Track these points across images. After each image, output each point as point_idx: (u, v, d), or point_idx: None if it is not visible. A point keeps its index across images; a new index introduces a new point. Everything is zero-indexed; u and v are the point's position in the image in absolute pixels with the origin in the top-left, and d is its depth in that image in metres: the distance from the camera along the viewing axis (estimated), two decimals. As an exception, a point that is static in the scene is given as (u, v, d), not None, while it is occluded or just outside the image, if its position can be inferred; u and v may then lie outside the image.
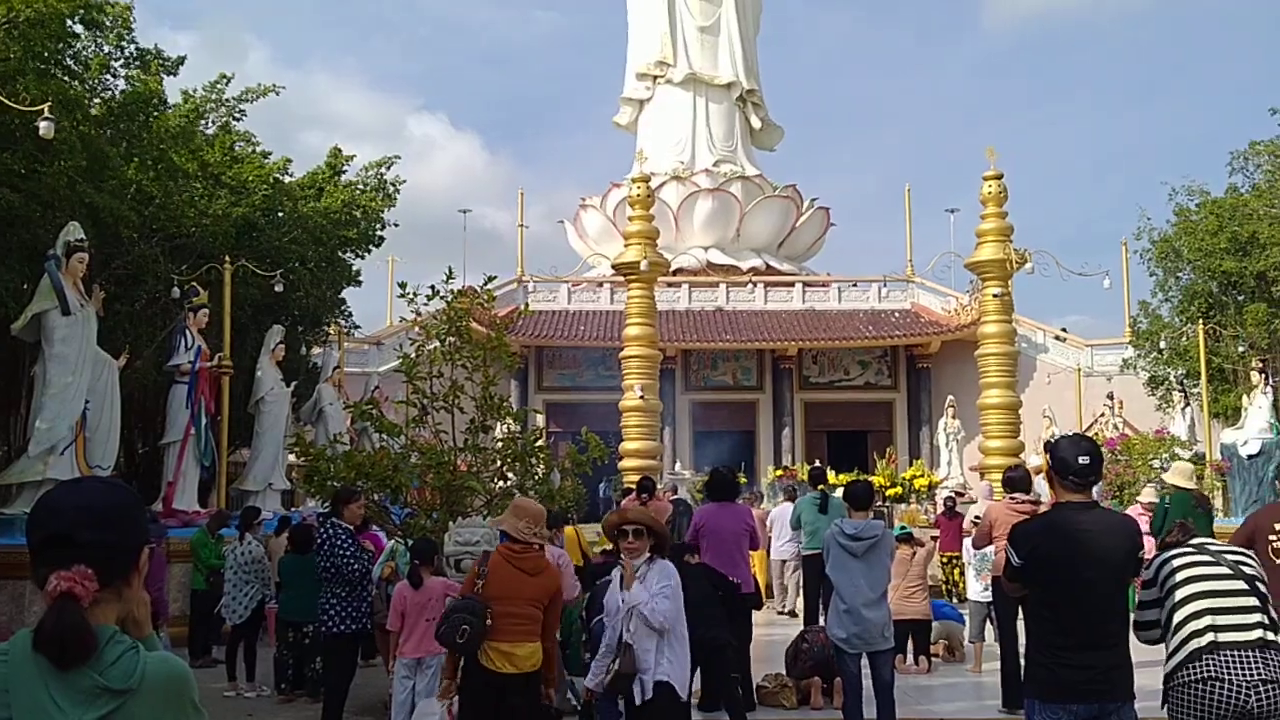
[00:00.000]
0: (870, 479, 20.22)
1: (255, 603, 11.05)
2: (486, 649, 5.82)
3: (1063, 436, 4.94)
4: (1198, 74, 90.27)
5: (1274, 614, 4.29)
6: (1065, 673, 4.34)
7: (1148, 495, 13.47)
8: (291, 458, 16.31)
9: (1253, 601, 4.31)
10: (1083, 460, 4.51)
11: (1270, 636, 4.20)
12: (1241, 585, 4.36)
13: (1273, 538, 6.85)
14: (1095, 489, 5.01)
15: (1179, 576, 4.43)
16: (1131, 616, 4.55)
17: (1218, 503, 20.65)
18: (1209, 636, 4.22)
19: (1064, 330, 36.95)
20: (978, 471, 21.38)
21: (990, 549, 9.25)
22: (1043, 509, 7.08)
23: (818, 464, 20.70)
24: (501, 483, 10.22)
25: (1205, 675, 4.18)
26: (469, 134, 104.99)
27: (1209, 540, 4.78)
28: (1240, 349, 23.60)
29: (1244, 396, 21.35)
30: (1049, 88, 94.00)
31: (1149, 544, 10.90)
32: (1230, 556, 4.52)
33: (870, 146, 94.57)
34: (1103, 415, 27.25)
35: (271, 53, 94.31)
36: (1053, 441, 4.92)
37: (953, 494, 18.81)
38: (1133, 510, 12.93)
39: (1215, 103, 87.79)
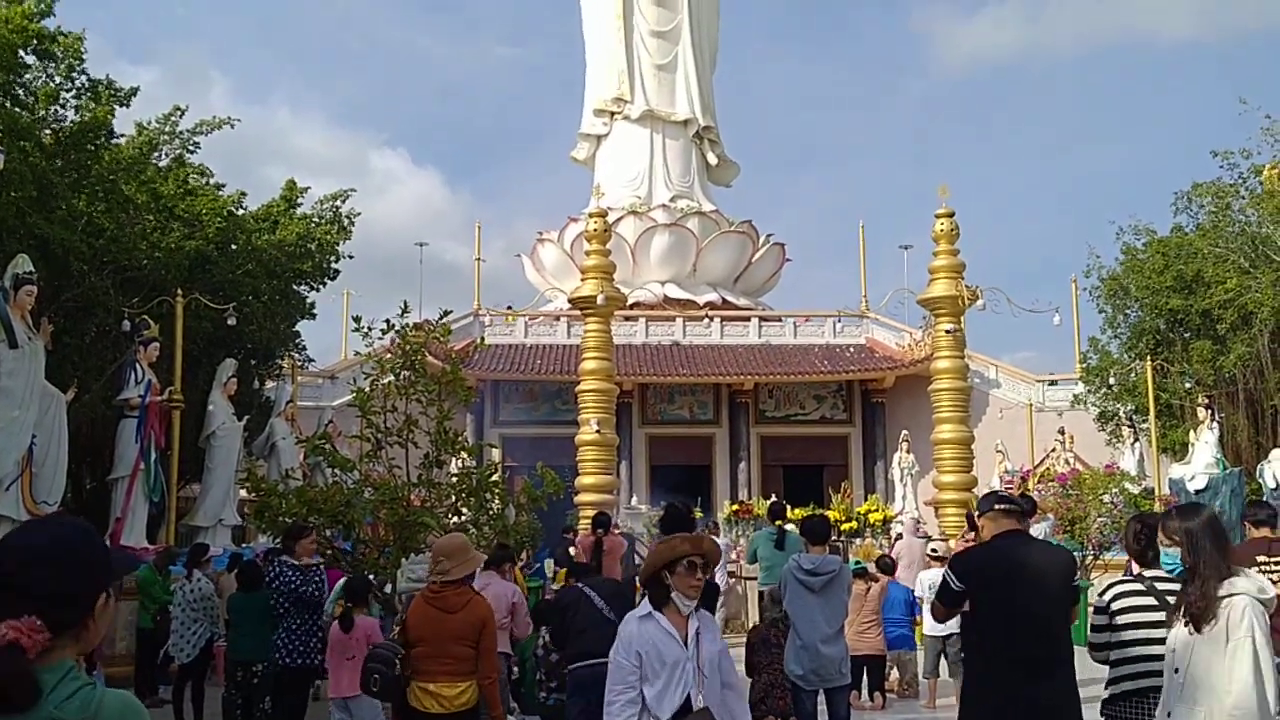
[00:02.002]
0: (826, 514, 20.31)
1: (203, 641, 10.86)
2: (415, 690, 5.73)
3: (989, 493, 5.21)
4: (1142, 117, 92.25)
5: None
6: (1007, 709, 4.39)
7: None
8: (243, 493, 16.11)
9: None
10: (1000, 496, 4.74)
11: None
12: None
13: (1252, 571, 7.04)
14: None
15: (1120, 605, 4.72)
16: (1076, 655, 4.67)
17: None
18: (1144, 665, 4.56)
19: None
20: (932, 506, 21.51)
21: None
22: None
23: (775, 498, 20.72)
24: (456, 518, 10.15)
25: (1141, 689, 4.53)
26: (429, 169, 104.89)
27: (1157, 575, 4.98)
28: (1187, 385, 24.01)
29: (1191, 432, 21.70)
30: (998, 128, 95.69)
31: None
32: (1161, 586, 4.77)
33: (825, 184, 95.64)
34: (1054, 450, 27.52)
35: (234, 87, 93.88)
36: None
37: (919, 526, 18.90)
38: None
39: (1159, 144, 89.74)
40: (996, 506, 4.84)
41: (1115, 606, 4.73)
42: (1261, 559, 7.24)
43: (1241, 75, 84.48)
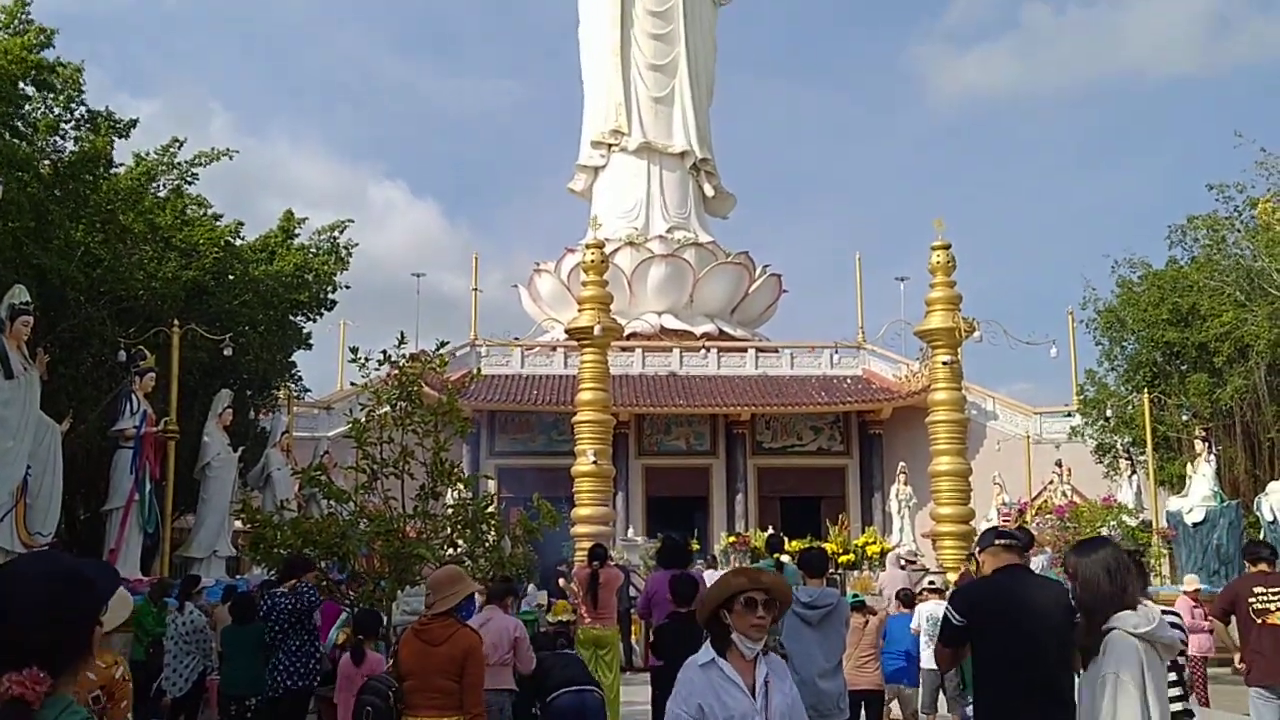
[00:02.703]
0: (824, 546, 20.24)
1: (196, 675, 10.77)
2: None
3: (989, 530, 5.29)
4: (1135, 150, 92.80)
5: (1186, 684, 5.03)
6: None
7: (1192, 583, 12.48)
8: (238, 524, 16.04)
9: (1173, 676, 4.97)
10: (1000, 530, 4.78)
11: (1187, 706, 4.97)
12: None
13: (1251, 599, 7.85)
14: (1043, 560, 5.23)
15: None
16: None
17: (1164, 569, 20.86)
18: None
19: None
20: (930, 538, 21.43)
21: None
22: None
23: (772, 530, 20.65)
24: (451, 550, 10.10)
25: None
26: (428, 201, 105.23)
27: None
28: (1184, 418, 23.99)
29: (1188, 465, 21.67)
30: (993, 161, 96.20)
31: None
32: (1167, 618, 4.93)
33: (822, 215, 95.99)
34: (1051, 482, 27.49)
35: (235, 119, 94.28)
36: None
37: (904, 560, 18.82)
38: (1180, 603, 12.14)
39: (1153, 178, 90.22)
40: (997, 542, 4.86)
41: None
42: (1258, 589, 7.93)
43: (1234, 110, 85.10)
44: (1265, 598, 7.82)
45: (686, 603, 8.02)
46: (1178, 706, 5.09)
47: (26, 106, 16.62)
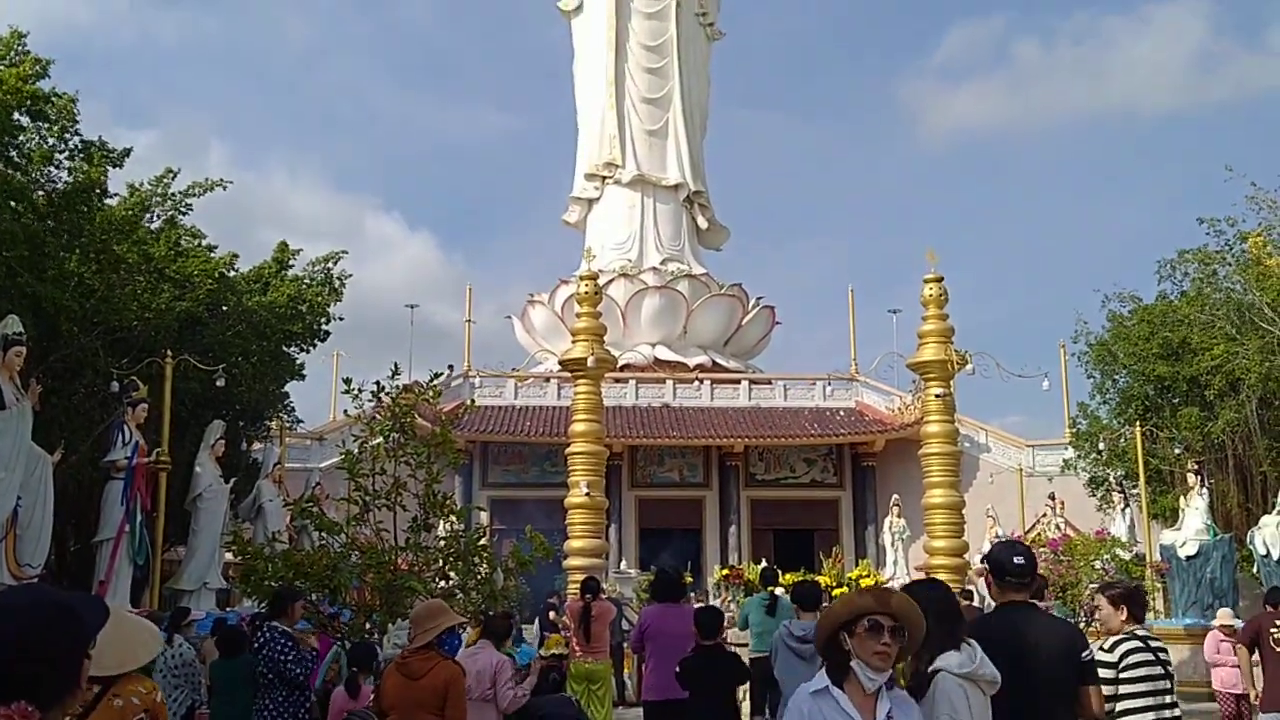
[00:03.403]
0: (817, 579, 20.14)
1: (185, 709, 10.67)
2: None
3: (997, 542, 5.33)
4: (1126, 185, 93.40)
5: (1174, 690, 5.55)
6: None
7: (1225, 617, 12.51)
8: (229, 556, 15.94)
9: (1165, 685, 5.42)
10: (1017, 560, 4.79)
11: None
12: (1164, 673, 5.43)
13: (1274, 631, 9.01)
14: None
15: (1128, 660, 5.37)
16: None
17: (1158, 604, 20.81)
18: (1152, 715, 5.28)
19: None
20: (923, 572, 21.36)
21: None
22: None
23: (765, 563, 20.59)
24: (443, 582, 10.05)
25: None
26: (423, 233, 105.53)
27: (1148, 634, 5.62)
28: (1176, 451, 24.00)
29: (1181, 498, 21.66)
30: (985, 195, 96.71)
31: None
32: (1154, 643, 5.52)
33: (814, 247, 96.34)
34: (1045, 515, 27.46)
35: (232, 151, 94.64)
36: (990, 548, 5.24)
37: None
38: (1210, 638, 12.29)
39: (1143, 211, 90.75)
40: (1006, 578, 4.82)
41: (1125, 662, 5.32)
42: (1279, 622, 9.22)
43: (1223, 146, 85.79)
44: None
45: (711, 635, 8.02)
46: (1170, 714, 5.39)
47: (21, 137, 16.67)
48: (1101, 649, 5.37)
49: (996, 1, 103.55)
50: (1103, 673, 5.07)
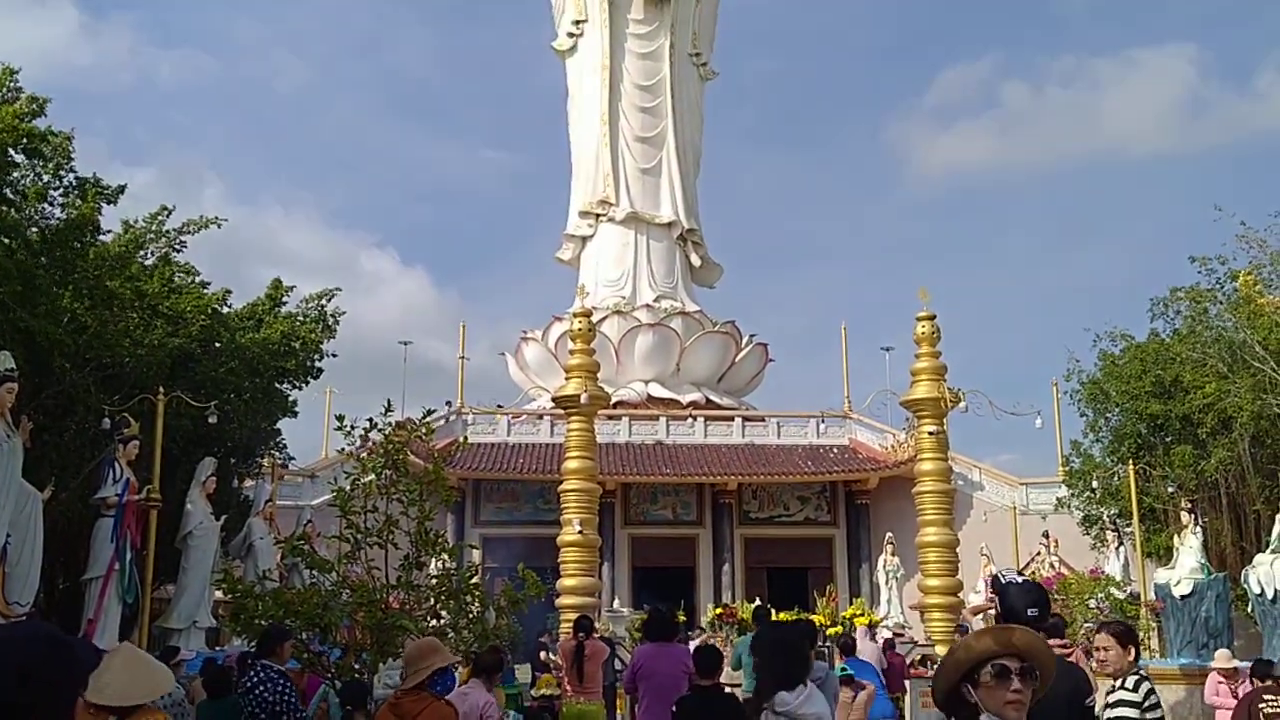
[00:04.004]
0: (812, 618, 20.05)
1: (173, 749, 10.54)
2: None
3: (1012, 584, 5.16)
4: (1116, 224, 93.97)
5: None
6: None
7: (1222, 659, 12.51)
8: (219, 594, 15.83)
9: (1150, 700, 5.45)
10: (1031, 611, 4.74)
11: None
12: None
13: (1263, 705, 9.61)
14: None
15: (1151, 699, 5.46)
16: None
17: (1153, 643, 20.72)
18: None
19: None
20: (918, 610, 21.28)
21: None
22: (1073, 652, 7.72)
23: (759, 602, 20.48)
24: (435, 621, 9.99)
25: None
26: (418, 269, 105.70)
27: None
28: (1169, 490, 24.00)
29: (1175, 537, 21.61)
30: (976, 234, 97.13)
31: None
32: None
33: (807, 285, 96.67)
34: (1039, 554, 27.40)
35: (228, 188, 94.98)
36: (1003, 585, 5.11)
37: (893, 633, 18.67)
38: (1210, 680, 12.52)
39: (1134, 251, 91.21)
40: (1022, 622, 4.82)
41: (1149, 701, 5.40)
42: (1268, 695, 9.75)
43: (1212, 187, 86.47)
44: (1275, 703, 9.77)
45: (710, 675, 7.89)
46: None
47: (15, 174, 16.71)
48: (1123, 687, 5.32)
49: (985, 45, 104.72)
50: (1127, 712, 5.03)
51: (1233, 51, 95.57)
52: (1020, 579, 5.28)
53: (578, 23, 43.92)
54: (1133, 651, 5.57)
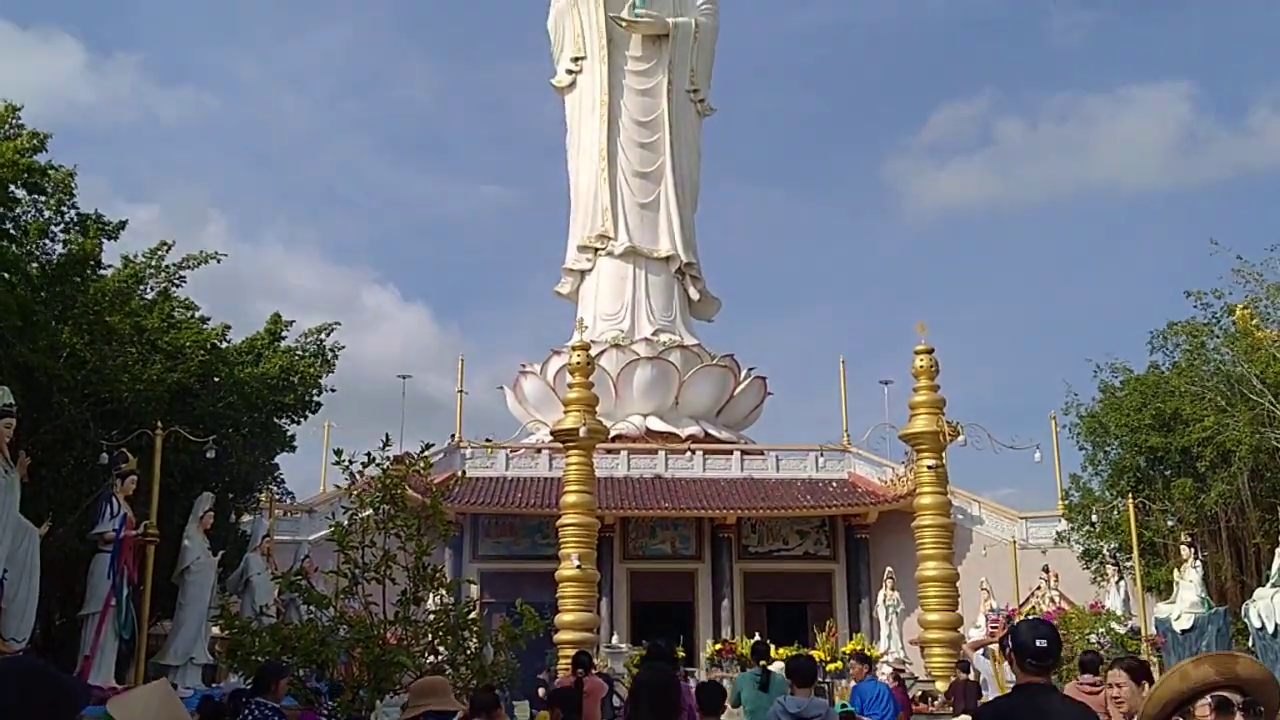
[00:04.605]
0: (812, 653, 19.96)
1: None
2: None
3: (1023, 621, 5.13)
4: (1113, 259, 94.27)
5: None
6: None
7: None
8: (216, 630, 15.75)
9: None
10: (1040, 643, 4.67)
11: None
12: None
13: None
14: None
15: None
16: None
17: (1155, 678, 20.60)
18: None
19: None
20: (918, 645, 21.18)
21: None
22: (1105, 690, 7.40)
23: (759, 638, 20.39)
24: (433, 657, 9.94)
25: None
26: (418, 305, 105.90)
27: None
28: (1169, 523, 23.95)
29: (1175, 571, 21.57)
30: (974, 268, 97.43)
31: None
32: None
33: (805, 318, 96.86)
34: (1039, 588, 27.28)
35: (231, 225, 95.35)
36: (1012, 625, 5.08)
37: (893, 668, 18.57)
38: None
39: (1131, 285, 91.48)
40: (1028, 661, 4.70)
41: None
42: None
43: (1208, 223, 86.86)
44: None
45: (713, 712, 7.81)
46: None
47: (17, 209, 16.77)
48: None
49: (980, 82, 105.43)
50: None
51: (1226, 88, 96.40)
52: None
53: (577, 60, 44.25)
54: (1146, 688, 5.46)
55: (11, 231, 16.43)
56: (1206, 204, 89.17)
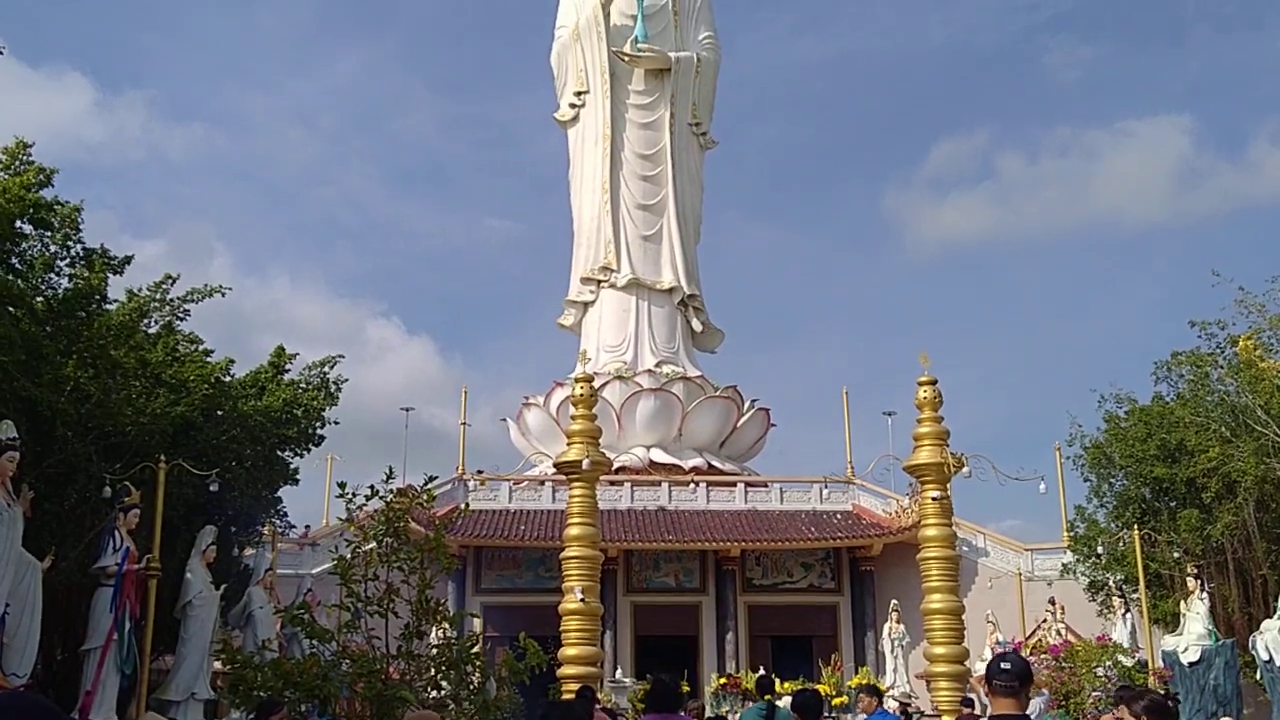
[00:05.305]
0: (817, 687, 19.81)
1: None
2: None
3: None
4: (1115, 290, 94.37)
5: None
6: None
7: None
8: (218, 665, 15.68)
9: None
10: (1003, 665, 4.74)
11: None
12: None
13: None
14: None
15: None
16: None
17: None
18: None
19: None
20: (924, 680, 21.03)
21: None
22: None
23: (763, 671, 20.27)
24: (435, 692, 9.89)
25: None
26: (422, 337, 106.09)
27: None
28: (1175, 555, 23.83)
29: (1182, 603, 21.45)
30: (976, 300, 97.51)
31: None
32: None
33: (808, 349, 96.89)
34: (1045, 621, 27.14)
35: (237, 259, 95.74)
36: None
37: (899, 703, 18.43)
38: None
39: (1133, 316, 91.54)
40: (994, 680, 4.74)
41: None
42: None
43: (1209, 255, 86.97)
44: None
45: None
46: None
47: (24, 244, 16.84)
48: None
49: (981, 116, 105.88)
50: None
51: (1225, 122, 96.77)
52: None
53: (579, 94, 44.56)
54: None
55: (17, 266, 16.49)
56: (1208, 237, 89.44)
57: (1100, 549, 25.95)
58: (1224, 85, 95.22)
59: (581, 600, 19.61)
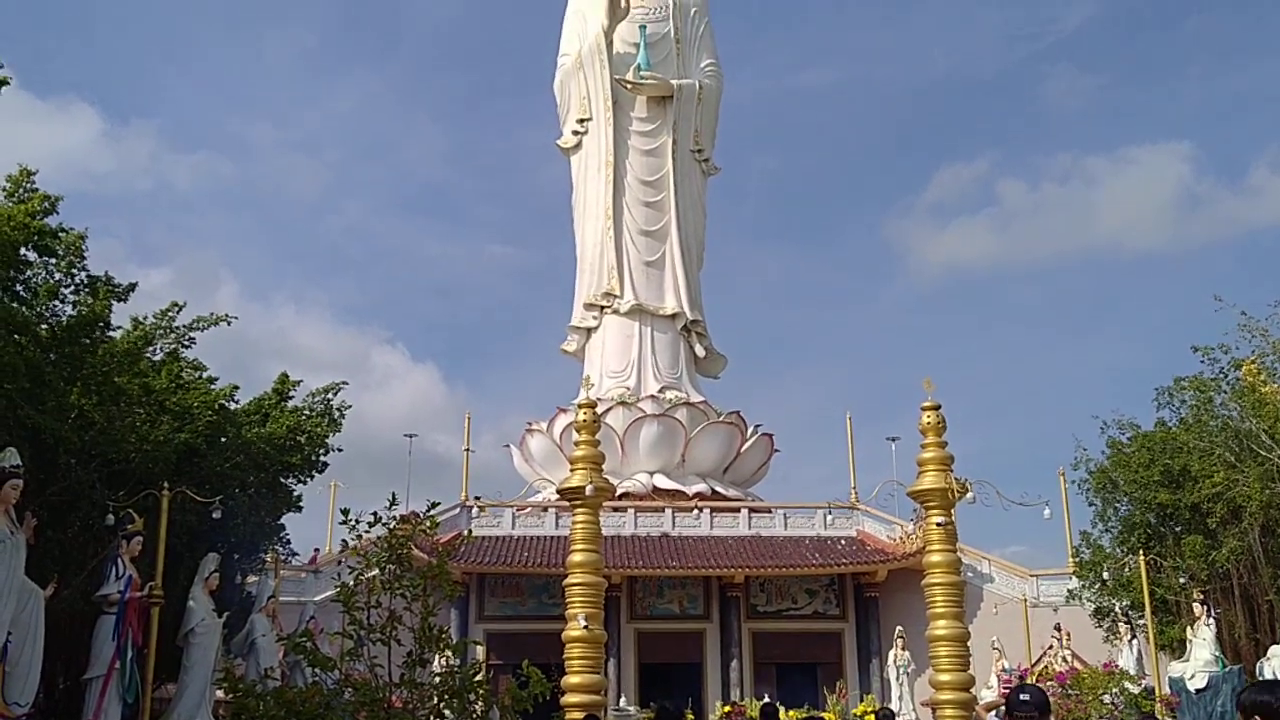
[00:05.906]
0: (822, 715, 19.72)
1: None
2: None
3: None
4: (1117, 316, 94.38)
5: None
6: None
7: None
8: (220, 693, 15.60)
9: None
10: (1023, 696, 4.81)
11: None
12: None
13: None
14: None
15: None
16: None
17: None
18: None
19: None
20: (929, 707, 20.91)
21: None
22: None
23: (768, 700, 20.18)
24: (438, 721, 9.84)
25: None
26: (427, 364, 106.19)
27: None
28: (1181, 580, 23.72)
29: (1188, 628, 21.34)
30: (980, 324, 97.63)
31: None
32: None
33: (812, 375, 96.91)
34: (1051, 647, 26.99)
35: (242, 287, 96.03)
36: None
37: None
38: None
39: (1136, 341, 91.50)
40: (1015, 712, 4.90)
41: None
42: None
43: (1210, 282, 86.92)
44: None
45: None
46: None
47: (28, 272, 16.90)
48: None
49: (982, 143, 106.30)
50: None
51: (1226, 148, 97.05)
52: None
53: (582, 121, 44.77)
54: None
55: (21, 293, 16.55)
56: (1209, 262, 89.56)
57: (1106, 574, 25.83)
58: (1224, 113, 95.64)
59: (585, 627, 19.52)
